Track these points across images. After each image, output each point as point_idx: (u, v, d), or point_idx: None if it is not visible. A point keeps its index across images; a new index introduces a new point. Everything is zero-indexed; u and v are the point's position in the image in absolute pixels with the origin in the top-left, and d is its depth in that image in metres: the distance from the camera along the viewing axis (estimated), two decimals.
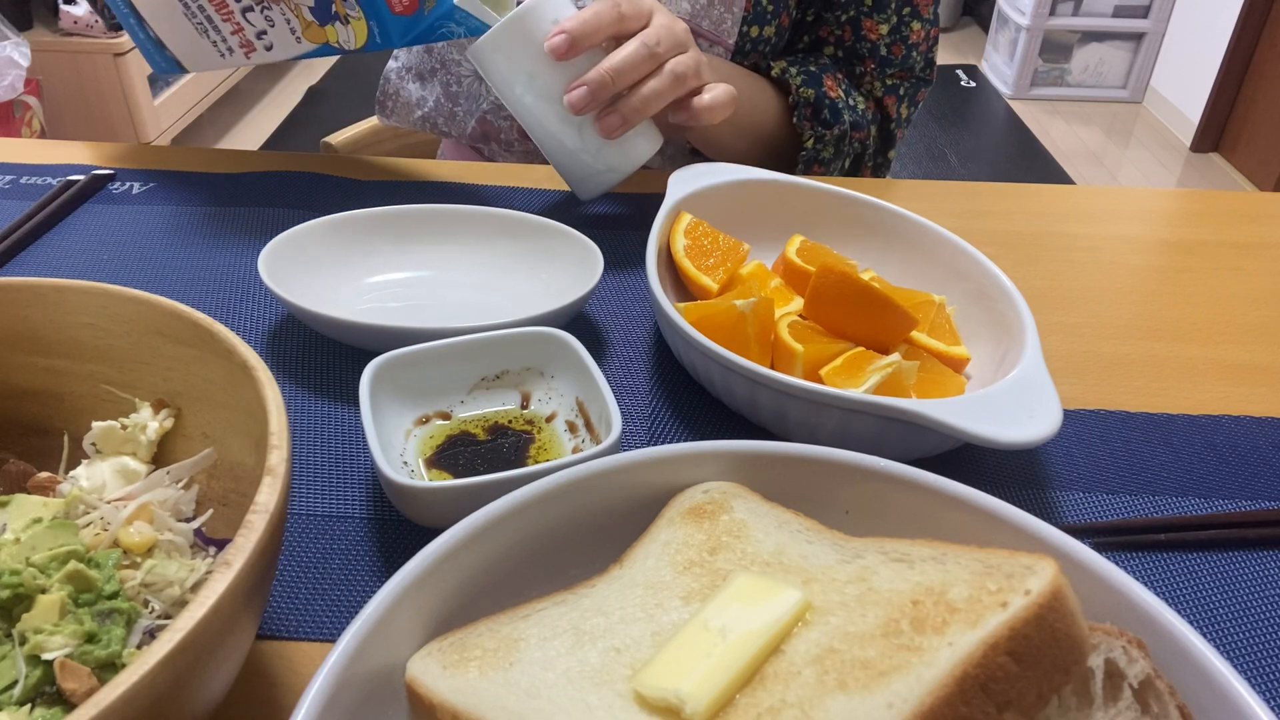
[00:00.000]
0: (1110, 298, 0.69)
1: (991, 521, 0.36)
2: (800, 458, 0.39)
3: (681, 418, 0.55)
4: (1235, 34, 3.02)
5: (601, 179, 0.72)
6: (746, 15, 0.84)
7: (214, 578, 0.29)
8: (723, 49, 0.85)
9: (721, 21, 0.84)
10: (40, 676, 0.31)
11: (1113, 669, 0.31)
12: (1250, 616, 0.44)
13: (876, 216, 0.65)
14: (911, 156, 3.19)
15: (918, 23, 0.89)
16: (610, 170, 0.71)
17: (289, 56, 0.71)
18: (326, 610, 0.43)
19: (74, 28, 2.53)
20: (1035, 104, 3.62)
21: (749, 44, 0.86)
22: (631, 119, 0.67)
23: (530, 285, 0.64)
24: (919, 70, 0.91)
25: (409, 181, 0.80)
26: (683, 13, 0.83)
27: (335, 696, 0.29)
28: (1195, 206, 0.83)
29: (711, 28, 0.84)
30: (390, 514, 0.48)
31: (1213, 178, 3.09)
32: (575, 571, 0.37)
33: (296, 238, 0.62)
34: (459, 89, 0.89)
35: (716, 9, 0.83)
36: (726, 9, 0.83)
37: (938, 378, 0.53)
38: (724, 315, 0.53)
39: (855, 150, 0.91)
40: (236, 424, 0.40)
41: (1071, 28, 3.56)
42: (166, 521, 0.39)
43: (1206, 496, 0.51)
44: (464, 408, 0.53)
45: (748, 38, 0.86)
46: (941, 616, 0.30)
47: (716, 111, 0.69)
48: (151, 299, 0.42)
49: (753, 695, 0.30)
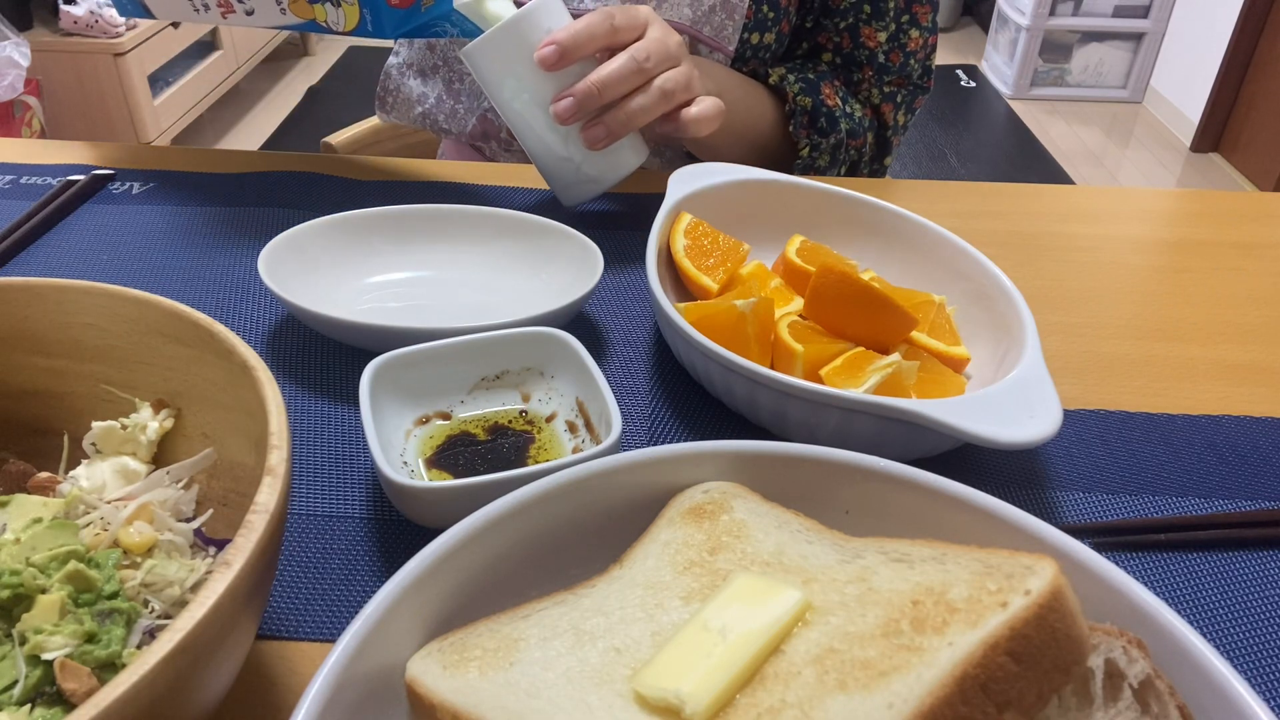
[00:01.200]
0: (1110, 298, 0.69)
1: (991, 521, 0.36)
2: (800, 458, 0.39)
3: (681, 418, 0.55)
4: (1235, 34, 3.02)
5: (585, 188, 0.72)
6: (748, 22, 0.84)
7: (214, 578, 0.29)
8: (723, 56, 0.85)
9: (722, 29, 0.84)
10: (40, 676, 0.31)
11: (1113, 669, 0.31)
12: (1250, 617, 0.44)
13: (876, 216, 0.65)
14: (911, 156, 3.19)
15: (916, 30, 0.89)
16: (594, 180, 0.71)
17: (269, 25, 0.69)
18: (326, 610, 0.43)
19: (74, 28, 2.53)
20: (1035, 104, 3.62)
21: (749, 50, 0.87)
22: (617, 132, 0.67)
23: (530, 285, 0.64)
24: (916, 78, 0.91)
25: (409, 181, 0.80)
26: (684, 19, 0.83)
27: (335, 696, 0.29)
28: (1195, 206, 0.83)
29: (713, 35, 0.84)
30: (390, 514, 0.48)
31: (1213, 178, 3.09)
32: (575, 571, 0.37)
33: (296, 238, 0.62)
34: (461, 86, 0.89)
35: (718, 16, 0.83)
36: (728, 16, 0.83)
37: (938, 378, 0.53)
38: (724, 315, 0.53)
39: (851, 158, 0.91)
40: (236, 424, 0.40)
41: (1071, 28, 3.56)
42: (166, 521, 0.39)
43: (1206, 496, 0.51)
44: (464, 408, 0.53)
45: (748, 44, 0.86)
46: (941, 616, 0.30)
47: (703, 124, 0.69)
48: (151, 299, 0.42)
49: (753, 695, 0.30)
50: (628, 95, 0.67)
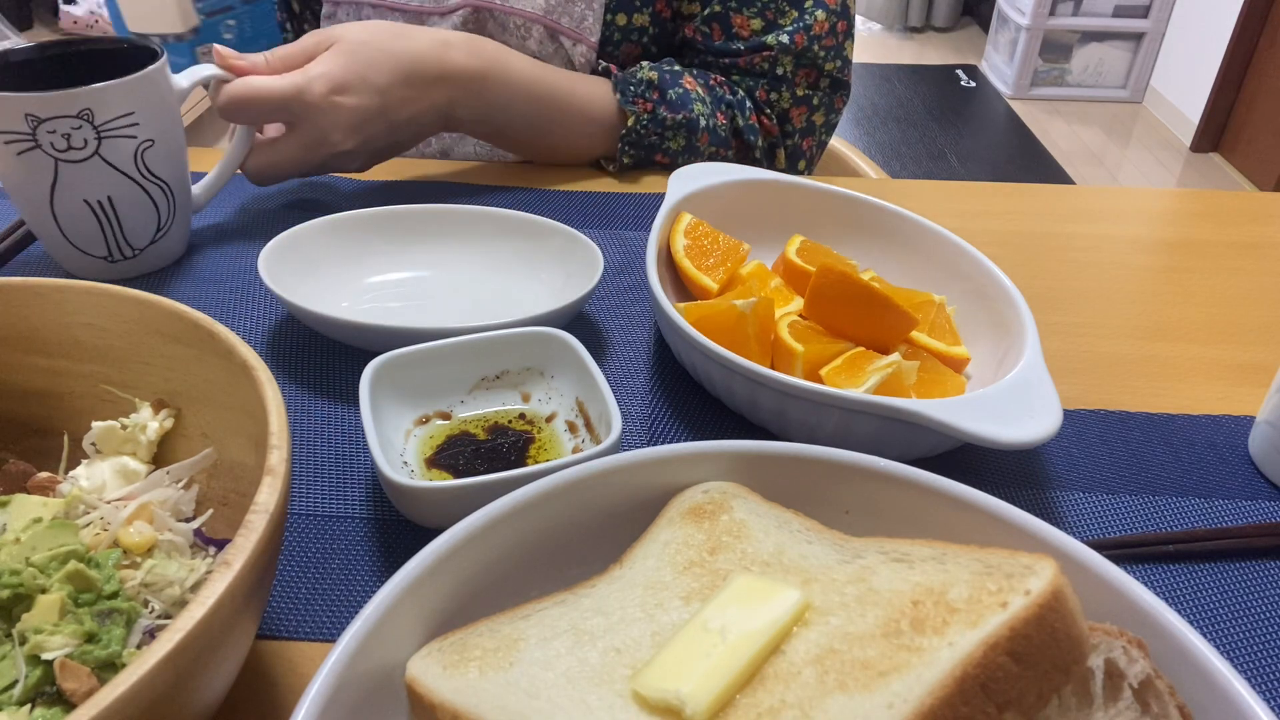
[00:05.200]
0: (1110, 298, 0.69)
1: (991, 521, 0.36)
2: (800, 458, 0.39)
3: (681, 418, 0.55)
4: (1235, 34, 3.02)
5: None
6: (610, 3, 0.81)
7: (214, 578, 0.29)
8: (585, 46, 0.82)
9: (582, 18, 0.81)
10: (40, 676, 0.31)
11: (1113, 669, 0.31)
12: (1250, 619, 0.44)
13: (876, 216, 0.65)
14: (911, 156, 3.19)
15: (822, 12, 0.83)
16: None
17: None
18: (326, 610, 0.43)
19: (74, 28, 2.53)
20: (1035, 104, 3.62)
21: (618, 34, 0.83)
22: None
23: (530, 285, 0.64)
24: (829, 69, 0.85)
25: (409, 181, 0.80)
26: (537, 9, 0.81)
27: (335, 696, 0.29)
28: (1195, 206, 0.83)
29: (572, 25, 0.81)
30: (390, 514, 0.48)
31: (1213, 178, 3.09)
32: (575, 571, 0.37)
33: (296, 238, 0.62)
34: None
35: (576, 5, 0.81)
36: (587, 5, 0.81)
37: (938, 378, 0.53)
38: (724, 315, 0.53)
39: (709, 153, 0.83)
40: (236, 424, 0.40)
41: (1071, 28, 3.56)
42: (166, 521, 0.39)
43: (1206, 496, 0.51)
44: (464, 408, 0.53)
45: (614, 27, 0.82)
46: (941, 617, 0.30)
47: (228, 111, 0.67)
48: (151, 299, 0.42)
49: (753, 695, 0.30)
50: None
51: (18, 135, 0.58)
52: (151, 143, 0.63)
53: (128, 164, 0.62)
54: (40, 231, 0.64)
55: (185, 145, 0.67)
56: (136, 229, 0.65)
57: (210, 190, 0.71)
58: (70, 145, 0.59)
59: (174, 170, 0.65)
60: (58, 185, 0.61)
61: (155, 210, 0.65)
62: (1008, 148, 3.29)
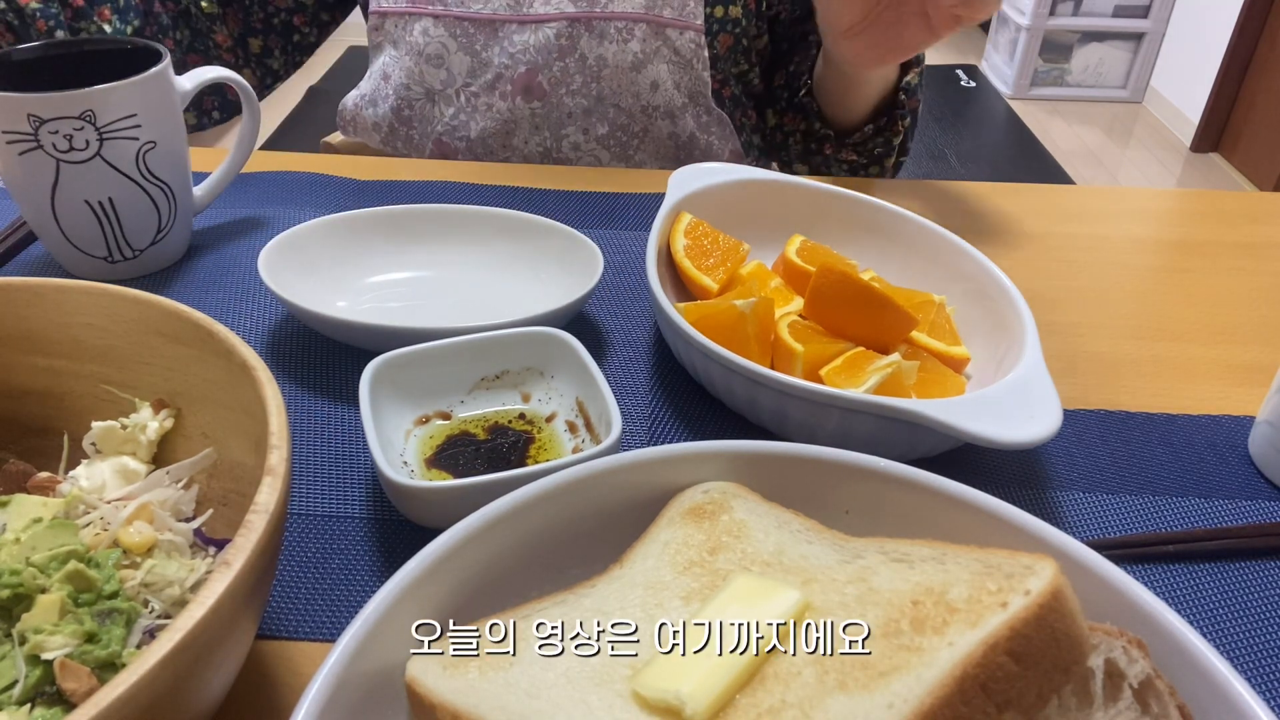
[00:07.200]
0: (1110, 298, 0.69)
1: (991, 521, 0.36)
2: (800, 458, 0.39)
3: (681, 418, 0.55)
4: (1235, 34, 3.02)
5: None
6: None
7: (214, 578, 0.29)
8: (694, 32, 0.84)
9: (684, 5, 0.83)
10: (40, 676, 0.31)
11: (1113, 669, 0.31)
12: (1250, 619, 0.44)
13: (876, 216, 0.65)
14: (911, 156, 3.17)
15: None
16: None
17: None
18: (326, 610, 0.43)
19: None
20: (1035, 104, 3.62)
21: (716, 25, 0.85)
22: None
23: (530, 285, 0.64)
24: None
25: (409, 181, 0.80)
26: (638, 7, 0.82)
27: (335, 696, 0.29)
28: (1195, 206, 0.83)
29: (675, 15, 0.83)
30: (390, 514, 0.48)
31: (1213, 178, 3.09)
32: (575, 571, 0.37)
33: (296, 238, 0.62)
34: (411, 113, 0.89)
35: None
36: None
37: (938, 378, 0.53)
38: (724, 315, 0.53)
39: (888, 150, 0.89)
40: (236, 424, 0.40)
41: (1071, 28, 3.56)
42: (166, 521, 0.39)
43: (1207, 496, 0.51)
44: (464, 408, 0.53)
45: (713, 19, 0.85)
46: (941, 616, 0.30)
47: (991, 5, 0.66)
48: (151, 299, 0.42)
49: (753, 695, 0.30)
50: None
51: (20, 135, 0.58)
52: (153, 144, 0.63)
53: (129, 165, 0.62)
54: (41, 231, 0.64)
55: (187, 147, 0.67)
56: (137, 230, 0.65)
57: (212, 192, 0.71)
58: (72, 146, 0.59)
59: (175, 172, 0.65)
60: (59, 186, 0.61)
61: (156, 212, 0.65)
62: (1008, 148, 3.29)
